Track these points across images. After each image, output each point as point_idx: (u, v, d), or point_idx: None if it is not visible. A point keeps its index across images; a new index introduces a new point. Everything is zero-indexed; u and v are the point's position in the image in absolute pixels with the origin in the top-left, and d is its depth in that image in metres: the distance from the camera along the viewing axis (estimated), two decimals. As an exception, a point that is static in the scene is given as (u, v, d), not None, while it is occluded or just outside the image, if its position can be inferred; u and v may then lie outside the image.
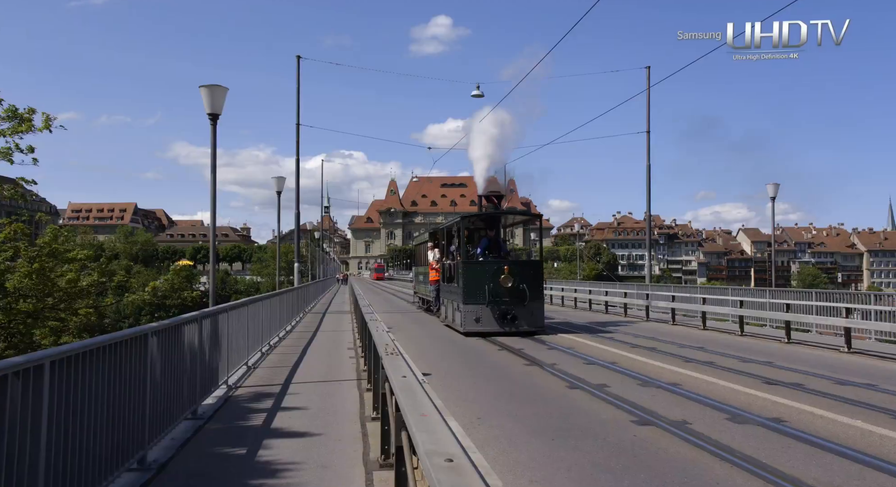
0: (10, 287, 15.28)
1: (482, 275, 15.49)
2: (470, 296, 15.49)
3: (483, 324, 15.36)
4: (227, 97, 11.62)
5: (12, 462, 3.38)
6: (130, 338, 5.09)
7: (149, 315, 56.02)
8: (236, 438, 6.47)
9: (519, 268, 16.02)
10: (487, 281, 15.34)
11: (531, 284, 15.65)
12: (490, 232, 17.45)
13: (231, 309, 9.55)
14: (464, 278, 15.70)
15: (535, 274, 16.17)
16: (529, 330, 15.48)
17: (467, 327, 15.46)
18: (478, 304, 15.39)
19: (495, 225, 17.82)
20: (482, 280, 15.38)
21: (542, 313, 16.08)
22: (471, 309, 15.48)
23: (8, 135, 14.70)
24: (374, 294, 46.46)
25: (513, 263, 16.31)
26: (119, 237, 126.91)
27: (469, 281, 15.57)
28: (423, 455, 2.44)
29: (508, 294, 15.39)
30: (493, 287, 15.31)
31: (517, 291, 15.43)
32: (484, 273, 15.56)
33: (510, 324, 15.35)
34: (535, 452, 5.98)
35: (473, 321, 15.38)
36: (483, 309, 15.38)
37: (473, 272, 15.75)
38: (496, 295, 15.33)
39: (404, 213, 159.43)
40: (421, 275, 25.51)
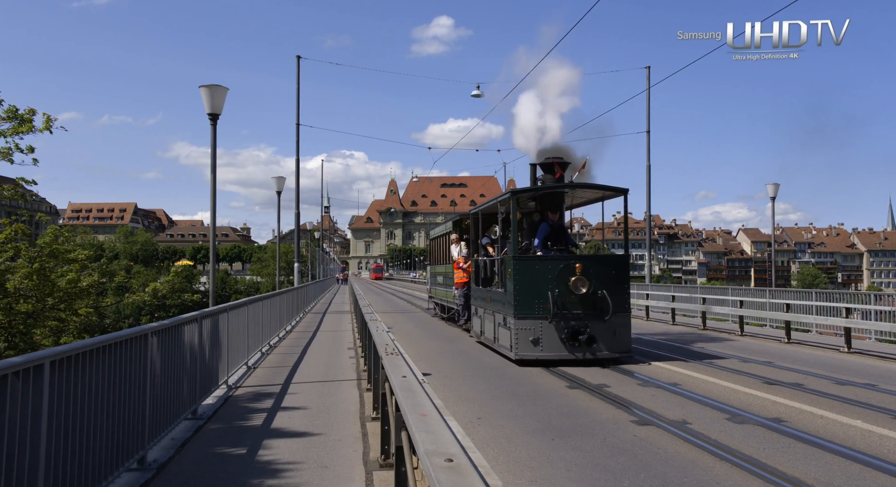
0: (11, 287, 15.28)
1: (543, 277, 10.96)
2: (524, 307, 10.93)
3: (544, 348, 10.81)
4: (228, 97, 11.63)
5: (12, 461, 3.38)
6: (130, 338, 5.09)
7: (149, 315, 56.03)
8: (236, 438, 6.47)
9: (597, 267, 11.27)
10: (551, 285, 10.84)
11: (614, 290, 11.06)
12: (553, 214, 12.32)
13: (231, 309, 9.55)
14: (516, 281, 11.05)
15: (619, 276, 11.54)
16: (611, 355, 10.99)
17: (521, 352, 10.88)
18: (536, 319, 10.84)
19: (559, 205, 12.65)
20: (543, 283, 10.89)
21: (628, 331, 11.29)
22: (526, 327, 10.88)
23: (8, 135, 14.72)
24: (374, 294, 46.48)
25: (588, 260, 11.62)
26: (119, 237, 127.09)
27: (523, 284, 11.01)
28: (423, 455, 2.44)
29: (582, 304, 10.90)
30: (559, 294, 10.82)
31: (595, 300, 10.92)
32: (546, 273, 10.98)
33: (584, 348, 10.78)
34: (534, 452, 5.99)
35: (530, 343, 10.82)
36: (544, 326, 10.82)
37: (530, 272, 11.13)
38: (564, 305, 10.84)
39: (404, 213, 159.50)
40: (440, 276, 20.52)
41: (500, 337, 12.06)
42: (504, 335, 11.73)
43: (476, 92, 27.49)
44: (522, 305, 10.98)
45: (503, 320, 11.79)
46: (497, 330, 12.33)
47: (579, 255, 12.53)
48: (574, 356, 10.80)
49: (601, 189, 12.35)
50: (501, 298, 11.94)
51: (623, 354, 11.17)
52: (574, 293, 10.86)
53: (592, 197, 13.38)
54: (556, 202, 12.54)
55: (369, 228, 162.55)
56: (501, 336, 11.98)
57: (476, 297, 14.53)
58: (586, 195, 13.27)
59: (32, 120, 14.87)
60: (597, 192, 12.81)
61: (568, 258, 11.37)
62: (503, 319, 11.79)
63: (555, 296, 10.79)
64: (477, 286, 14.30)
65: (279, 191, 25.51)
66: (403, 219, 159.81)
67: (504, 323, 11.71)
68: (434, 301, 22.94)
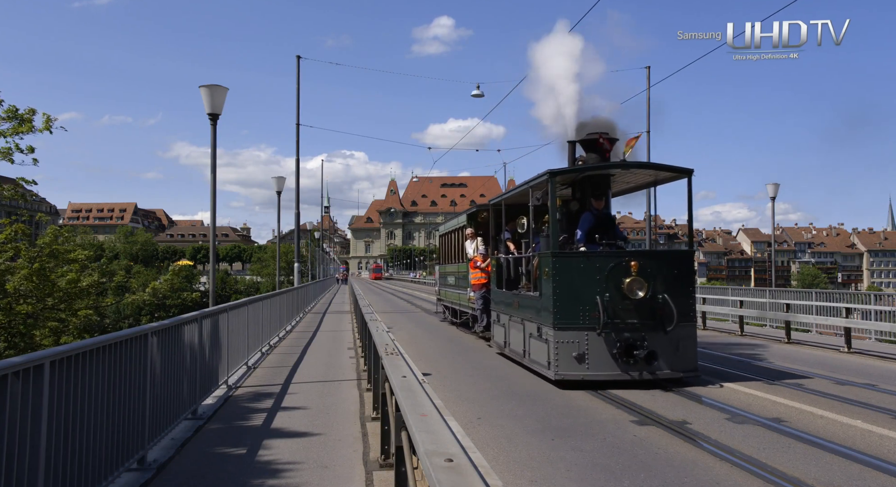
0: (11, 288, 15.28)
1: (589, 278, 8.98)
2: (566, 315, 8.92)
3: (591, 366, 8.82)
4: (229, 97, 11.63)
5: (12, 462, 3.38)
6: (130, 338, 5.09)
7: (149, 315, 56.02)
8: (236, 438, 6.47)
9: (656, 266, 9.20)
10: (600, 288, 8.88)
11: (677, 293, 9.06)
12: (597, 201, 10.31)
13: (231, 309, 9.55)
14: (555, 283, 9.04)
15: (683, 276, 9.46)
16: (674, 375, 8.99)
17: (563, 370, 8.87)
18: (581, 330, 8.86)
19: (605, 190, 10.59)
20: (589, 286, 8.93)
21: (694, 345, 9.36)
22: (568, 339, 8.89)
23: (8, 135, 14.72)
24: (374, 294, 46.50)
25: (645, 256, 9.61)
26: (119, 237, 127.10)
27: (565, 287, 9.03)
28: (423, 455, 2.44)
29: (638, 311, 8.92)
30: (610, 298, 8.86)
31: (654, 306, 8.95)
32: (593, 273, 8.99)
33: (642, 367, 8.81)
34: (534, 452, 5.99)
35: (573, 360, 8.84)
36: (591, 339, 8.83)
37: (573, 271, 9.10)
38: (616, 313, 8.87)
39: (404, 213, 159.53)
40: (451, 277, 18.47)
41: (533, 350, 9.94)
42: (538, 349, 9.62)
43: (476, 92, 27.48)
44: (563, 313, 8.93)
45: (537, 330, 9.67)
46: (528, 343, 10.22)
47: (634, 251, 10.58)
48: (629, 376, 8.76)
49: (661, 169, 10.27)
50: (534, 304, 9.83)
51: (688, 373, 9.11)
52: (629, 298, 8.84)
53: (643, 181, 11.18)
54: (602, 186, 10.47)
55: (369, 228, 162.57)
56: (534, 349, 9.86)
57: (498, 302, 12.49)
58: (636, 178, 10.93)
59: (32, 120, 14.89)
60: (653, 174, 10.64)
61: (620, 254, 9.32)
62: (537, 329, 9.66)
63: (605, 302, 8.75)
64: (499, 288, 12.41)
65: (279, 191, 25.52)
66: (403, 219, 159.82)
67: (538, 334, 9.61)
68: (443, 304, 20.77)
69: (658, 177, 10.86)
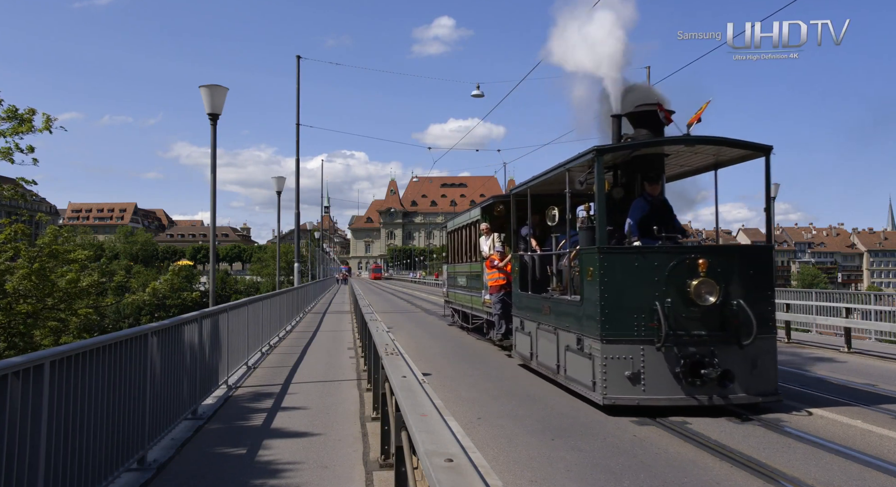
0: (10, 288, 15.28)
1: (646, 280, 7.40)
2: (617, 325, 7.36)
3: (649, 388, 7.23)
4: (230, 98, 11.62)
5: (12, 462, 3.38)
6: (130, 338, 5.09)
7: (149, 315, 56.02)
8: (236, 438, 6.47)
9: (730, 264, 7.60)
10: (659, 291, 7.31)
11: (755, 299, 7.44)
12: (651, 186, 8.56)
13: (231, 309, 9.56)
14: (604, 285, 7.46)
15: (760, 278, 7.76)
16: (750, 400, 7.34)
17: (613, 392, 7.27)
18: (635, 343, 7.29)
19: (660, 172, 8.86)
20: (647, 289, 7.36)
21: (774, 362, 7.72)
22: (620, 355, 7.30)
23: (8, 135, 14.72)
24: (374, 294, 46.51)
25: (716, 252, 7.84)
26: (119, 237, 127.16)
27: (615, 290, 7.45)
28: (423, 455, 2.44)
29: (706, 321, 7.34)
30: (672, 304, 7.27)
31: (727, 315, 7.36)
32: (650, 273, 7.41)
33: (713, 389, 7.21)
34: (534, 452, 5.99)
35: (625, 380, 7.25)
36: (648, 354, 7.25)
37: (625, 271, 7.53)
38: (680, 323, 7.29)
39: (404, 213, 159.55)
40: (462, 277, 16.82)
41: (571, 366, 8.35)
42: (579, 365, 8.02)
43: (476, 92, 27.48)
44: (613, 322, 7.33)
45: (576, 342, 8.09)
46: (564, 357, 8.60)
47: (702, 246, 8.78)
48: (695, 401, 7.15)
49: (737, 146, 8.28)
50: (573, 310, 8.27)
51: (768, 398, 7.42)
52: (696, 304, 7.24)
53: (703, 162, 9.18)
54: (657, 167, 8.76)
55: (369, 228, 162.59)
56: (573, 365, 8.27)
57: (522, 307, 10.83)
58: (696, 159, 9.04)
59: (32, 120, 14.87)
60: (722, 153, 8.63)
61: (685, 250, 7.70)
62: (576, 341, 8.09)
63: (666, 309, 7.17)
64: (523, 291, 10.71)
65: (279, 191, 25.51)
66: (403, 219, 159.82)
67: (579, 346, 8.01)
68: (452, 307, 19.13)
69: (724, 158, 8.85)
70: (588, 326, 7.78)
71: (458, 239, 17.39)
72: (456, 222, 17.90)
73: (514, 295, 11.46)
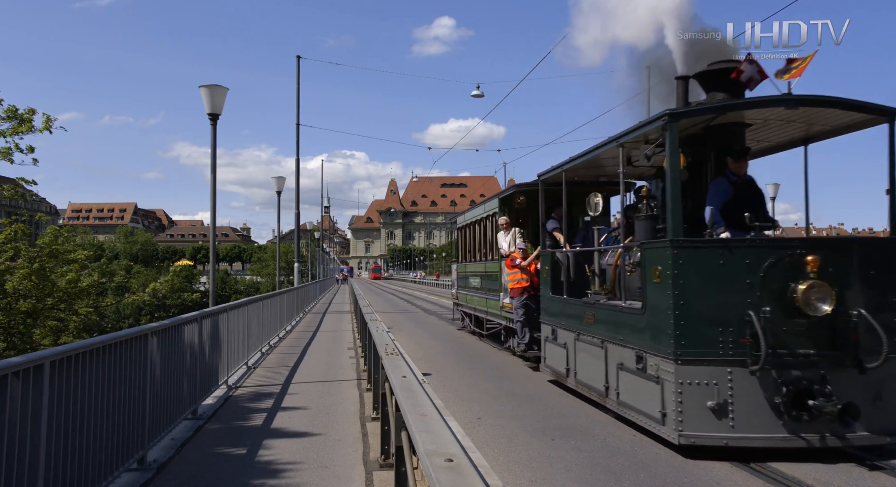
0: (10, 288, 15.28)
1: (735, 282, 5.85)
2: (695, 341, 5.82)
3: (740, 423, 5.65)
4: (229, 97, 11.60)
5: (12, 462, 3.38)
6: (130, 338, 5.09)
7: (149, 315, 56.02)
8: (236, 438, 6.47)
9: (845, 262, 5.98)
10: (753, 297, 5.77)
11: (879, 308, 5.84)
12: (737, 162, 6.95)
13: (231, 309, 9.56)
14: (678, 288, 5.90)
15: (886, 280, 6.06)
16: (875, 441, 5.72)
17: (692, 429, 5.72)
18: (720, 364, 5.74)
19: (744, 146, 7.27)
20: (735, 294, 5.82)
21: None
22: (700, 379, 5.75)
23: (8, 135, 14.72)
24: (374, 294, 46.52)
25: (830, 245, 6.46)
26: (119, 237, 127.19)
27: (692, 295, 5.90)
28: (422, 455, 2.44)
29: (816, 337, 5.78)
30: (771, 315, 5.68)
31: (845, 328, 5.76)
32: (740, 274, 5.85)
33: (824, 426, 5.59)
34: (534, 452, 5.98)
35: (708, 413, 5.69)
36: (738, 379, 5.69)
37: (707, 270, 5.95)
38: (781, 339, 5.73)
39: (404, 213, 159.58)
40: (475, 278, 15.10)
41: (627, 389, 6.71)
42: (639, 389, 6.41)
43: (476, 92, 27.48)
44: (691, 337, 5.76)
45: (636, 361, 6.45)
46: (615, 377, 6.95)
47: (811, 238, 6.72)
48: (802, 441, 5.57)
49: (855, 109, 6.52)
50: (631, 320, 6.64)
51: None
52: (804, 314, 5.63)
53: (792, 135, 7.53)
54: (739, 140, 7.13)
55: (369, 228, 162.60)
56: (630, 389, 6.64)
57: (553, 312, 9.24)
58: (784, 131, 7.41)
59: (32, 120, 14.86)
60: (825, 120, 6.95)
61: (787, 244, 6.08)
62: (636, 359, 6.46)
63: (763, 320, 5.56)
64: (555, 294, 9.12)
65: (279, 191, 25.51)
66: (403, 219, 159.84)
67: (640, 366, 6.39)
68: (463, 310, 17.35)
69: (822, 128, 7.17)
70: (654, 341, 6.11)
71: (471, 235, 15.64)
72: (468, 216, 16.14)
73: (542, 298, 9.86)
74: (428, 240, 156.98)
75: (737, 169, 6.92)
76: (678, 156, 6.19)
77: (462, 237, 17.07)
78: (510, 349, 12.05)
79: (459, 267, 17.52)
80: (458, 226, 17.67)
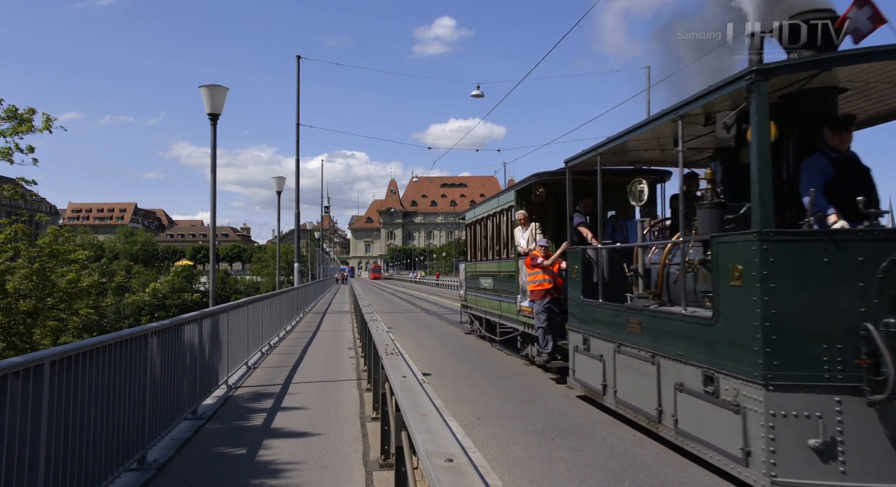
0: (11, 288, 15.28)
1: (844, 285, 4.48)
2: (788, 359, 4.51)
3: (854, 468, 4.32)
4: (230, 98, 11.61)
5: (12, 461, 3.38)
6: (130, 338, 5.09)
7: (149, 315, 56.02)
8: (236, 438, 6.47)
9: None
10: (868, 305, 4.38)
11: None
12: (837, 135, 5.46)
13: (231, 309, 9.56)
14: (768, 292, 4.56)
15: None
16: None
17: (788, 472, 4.41)
18: (824, 390, 4.43)
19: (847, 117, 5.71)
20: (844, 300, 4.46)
21: None
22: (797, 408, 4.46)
23: (8, 135, 14.71)
24: (374, 294, 46.51)
25: None
26: (119, 237, 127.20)
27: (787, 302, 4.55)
28: (423, 455, 2.44)
29: None
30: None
31: None
32: (851, 274, 4.46)
33: None
34: (534, 452, 5.98)
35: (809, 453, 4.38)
36: (850, 410, 4.36)
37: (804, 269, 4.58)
38: None
39: (404, 213, 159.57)
40: (486, 279, 13.86)
41: (691, 416, 5.50)
42: (709, 418, 5.21)
43: (476, 92, 27.48)
44: (785, 355, 4.57)
45: (704, 381, 5.26)
46: (672, 400, 5.76)
47: None
48: None
49: None
50: (697, 331, 5.44)
51: None
52: None
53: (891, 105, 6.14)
54: (831, 108, 5.79)
55: (369, 228, 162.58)
56: (696, 416, 5.42)
57: (585, 318, 8.04)
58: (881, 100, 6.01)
59: (32, 119, 14.85)
60: None
61: None
62: (703, 379, 5.27)
63: (885, 335, 4.34)
64: (589, 298, 7.92)
65: (279, 191, 25.51)
66: (403, 219, 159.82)
67: (709, 389, 5.17)
68: (472, 313, 16.13)
69: None
70: (732, 358, 4.90)
71: (483, 231, 14.32)
72: (478, 211, 14.85)
73: (571, 302, 8.65)
74: (428, 240, 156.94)
75: (838, 143, 5.48)
76: (768, 124, 4.85)
77: (472, 234, 15.74)
78: (528, 357, 11.00)
79: (469, 266, 16.19)
80: (467, 223, 16.36)
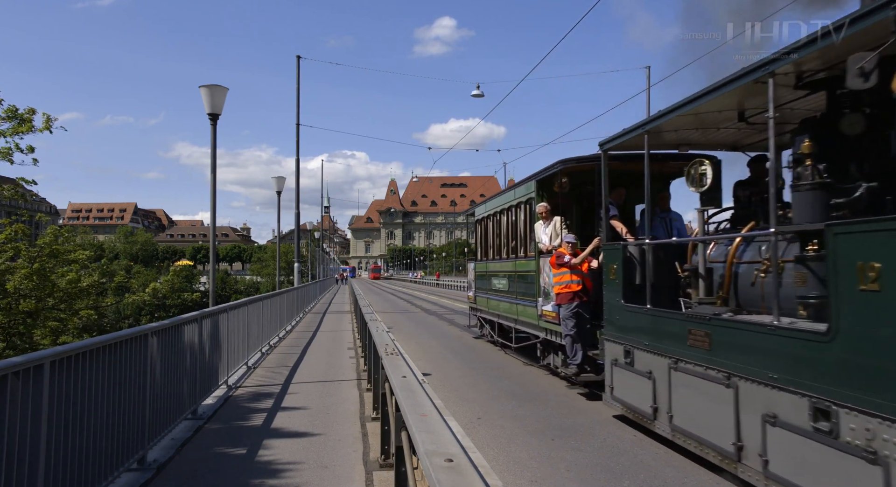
0: (11, 288, 15.28)
1: None
2: None
3: None
4: (230, 98, 11.60)
5: (12, 461, 3.38)
6: (130, 338, 5.09)
7: (149, 315, 56.02)
8: (236, 438, 6.47)
9: None
10: None
11: None
12: None
13: (231, 309, 9.56)
14: None
15: None
16: None
17: None
18: None
19: None
20: None
21: None
22: None
23: (8, 135, 14.71)
24: (374, 294, 46.51)
25: None
26: (119, 237, 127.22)
27: None
28: (422, 455, 2.44)
29: None
30: None
31: None
32: None
33: None
34: (534, 452, 5.98)
35: None
36: None
37: None
38: None
39: (404, 213, 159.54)
40: (500, 279, 12.61)
41: (786, 458, 4.24)
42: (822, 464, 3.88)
43: (476, 92, 27.46)
44: None
45: (812, 415, 3.98)
46: (759, 434, 4.49)
47: None
48: None
49: None
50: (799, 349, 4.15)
51: None
52: None
53: None
54: None
55: (369, 228, 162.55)
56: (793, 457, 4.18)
57: (628, 327, 6.83)
58: None
59: (32, 120, 14.85)
60: None
61: None
62: (812, 412, 3.98)
63: None
64: (632, 303, 6.72)
65: (279, 191, 25.51)
66: (403, 219, 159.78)
67: (819, 425, 3.92)
68: (482, 316, 14.79)
69: None
70: (863, 388, 3.63)
71: (495, 227, 12.97)
72: (490, 205, 13.45)
73: (608, 307, 7.35)
74: (428, 240, 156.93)
75: None
76: None
77: (483, 230, 14.32)
78: (551, 368, 9.80)
79: (479, 265, 14.71)
80: (477, 219, 14.92)
